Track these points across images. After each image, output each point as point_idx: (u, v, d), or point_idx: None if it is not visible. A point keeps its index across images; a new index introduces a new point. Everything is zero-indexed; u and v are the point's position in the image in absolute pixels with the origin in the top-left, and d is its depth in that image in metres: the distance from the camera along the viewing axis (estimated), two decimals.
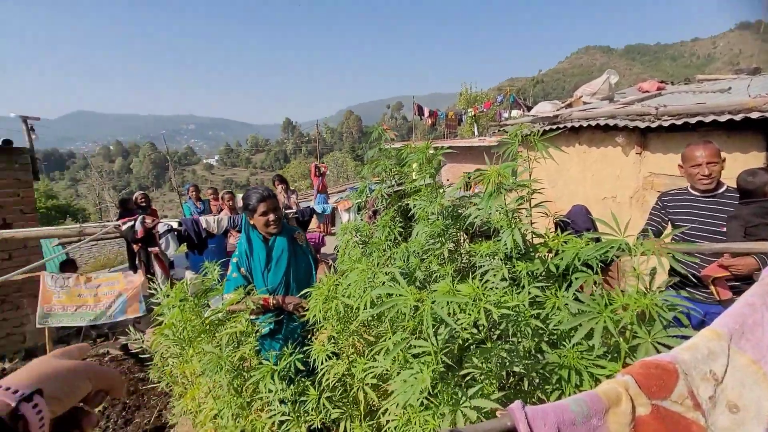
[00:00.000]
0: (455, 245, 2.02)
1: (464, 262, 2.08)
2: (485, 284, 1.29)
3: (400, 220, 2.29)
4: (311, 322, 1.44)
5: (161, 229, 3.79)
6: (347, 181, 29.65)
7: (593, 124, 3.73)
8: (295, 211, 4.78)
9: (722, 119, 3.11)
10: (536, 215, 1.66)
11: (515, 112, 15.19)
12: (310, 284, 2.00)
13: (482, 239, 2.06)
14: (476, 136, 15.75)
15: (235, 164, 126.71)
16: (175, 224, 3.89)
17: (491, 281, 1.47)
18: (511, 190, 1.54)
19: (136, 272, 4.40)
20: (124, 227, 3.69)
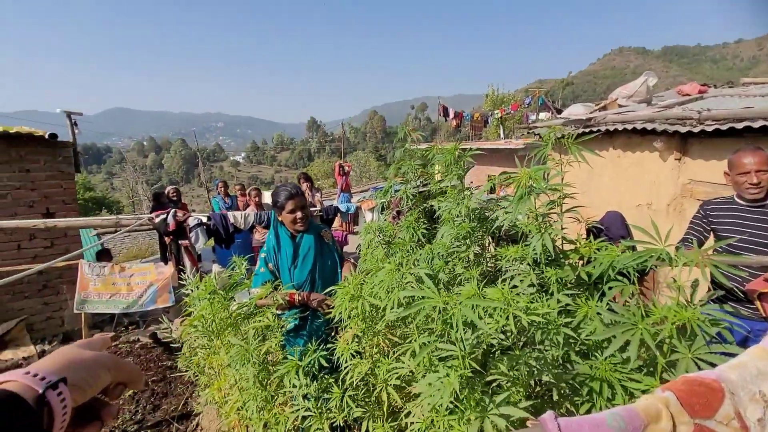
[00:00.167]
0: (481, 248, 1.99)
1: (490, 266, 2.04)
2: (513, 290, 1.26)
3: (424, 221, 2.28)
4: (335, 320, 1.45)
5: (191, 222, 3.92)
6: (369, 180, 29.77)
7: (629, 127, 3.59)
8: (319, 209, 4.84)
9: None
10: (567, 221, 1.61)
11: (543, 114, 14.85)
12: (335, 282, 2.02)
13: (509, 243, 2.02)
14: (502, 138, 15.51)
15: (260, 162, 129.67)
16: (204, 218, 4.02)
17: (519, 287, 1.44)
18: (541, 193, 1.50)
19: (166, 264, 4.57)
20: (157, 220, 3.85)
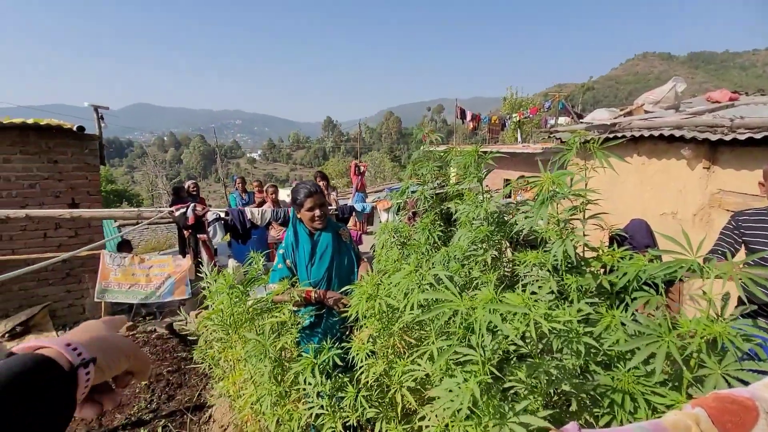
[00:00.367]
0: (498, 253, 1.96)
1: (507, 271, 2.02)
2: (532, 296, 1.24)
3: (440, 223, 2.26)
4: (351, 319, 1.45)
5: (210, 217, 3.99)
6: (384, 181, 29.79)
7: (656, 134, 3.49)
8: (335, 208, 4.86)
9: None
10: (589, 227, 1.57)
11: (563, 119, 14.60)
12: (351, 281, 2.02)
13: (527, 248, 1.99)
14: (519, 142, 15.32)
15: (276, 159, 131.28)
16: (222, 214, 4.08)
17: (538, 293, 1.41)
18: (562, 199, 1.47)
19: (184, 257, 4.65)
20: (177, 213, 3.92)
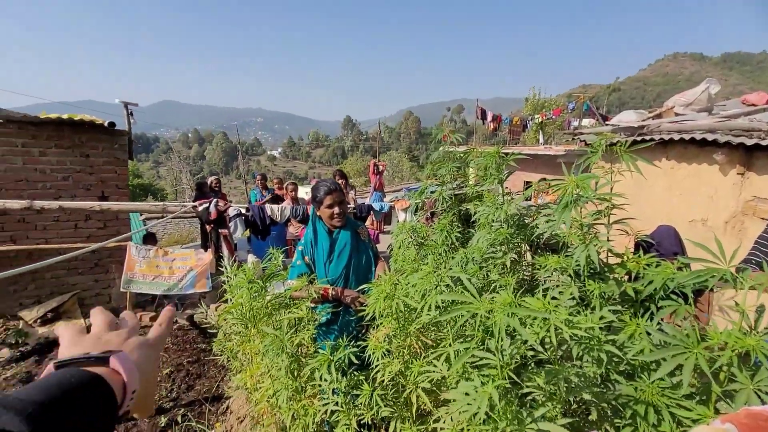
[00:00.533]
0: (517, 256, 1.93)
1: (526, 274, 1.98)
2: (552, 301, 1.21)
3: (458, 224, 2.24)
4: (367, 317, 1.46)
5: (231, 212, 4.08)
6: (402, 180, 29.76)
7: (687, 137, 3.35)
8: (353, 206, 4.88)
9: None
10: (614, 233, 1.53)
11: (587, 120, 14.25)
12: (368, 279, 2.03)
13: (548, 252, 1.95)
14: (541, 143, 15.03)
15: (295, 157, 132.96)
16: (243, 209, 4.17)
17: (559, 299, 1.38)
18: (587, 203, 1.43)
19: (206, 251, 4.77)
20: (200, 208, 4.03)
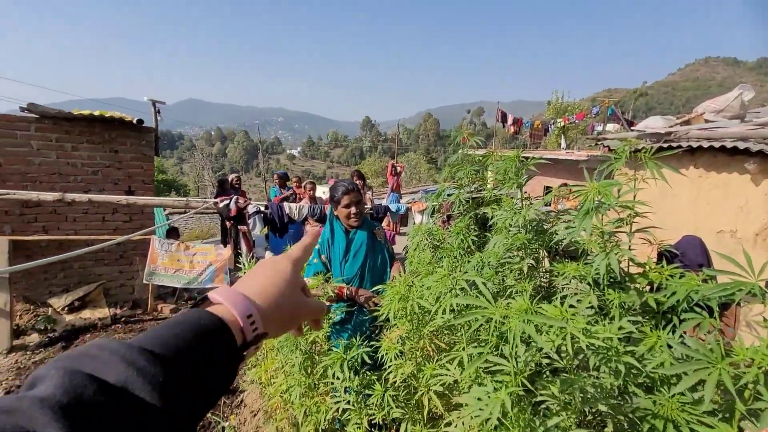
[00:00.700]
0: (535, 262, 1.90)
1: (543, 281, 1.95)
2: (570, 309, 1.19)
3: (475, 228, 2.22)
4: (381, 318, 1.47)
5: (251, 210, 4.17)
6: (419, 182, 29.70)
7: (717, 145, 3.22)
8: (370, 207, 4.91)
9: None
10: (636, 242, 1.49)
11: (611, 125, 13.91)
12: (384, 280, 2.03)
13: (567, 259, 1.91)
14: (563, 148, 14.75)
15: (314, 157, 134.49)
16: (263, 207, 4.25)
17: (577, 307, 1.35)
18: (608, 210, 1.40)
19: (225, 246, 4.88)
20: (221, 204, 4.13)
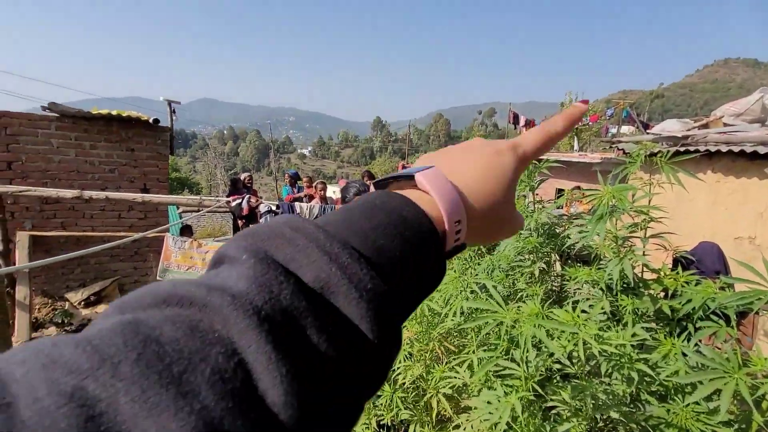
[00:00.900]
0: (546, 266, 1.88)
1: (555, 285, 1.93)
2: (582, 314, 1.18)
3: None
4: None
5: (262, 209, 4.22)
6: None
7: (736, 149, 3.16)
8: None
9: None
10: (651, 247, 1.47)
11: (626, 128, 13.70)
12: None
13: (579, 264, 1.89)
14: (575, 150, 14.56)
15: (325, 156, 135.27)
16: (274, 206, 4.30)
17: (589, 313, 1.34)
18: (623, 214, 1.38)
19: None
20: (233, 203, 4.19)
